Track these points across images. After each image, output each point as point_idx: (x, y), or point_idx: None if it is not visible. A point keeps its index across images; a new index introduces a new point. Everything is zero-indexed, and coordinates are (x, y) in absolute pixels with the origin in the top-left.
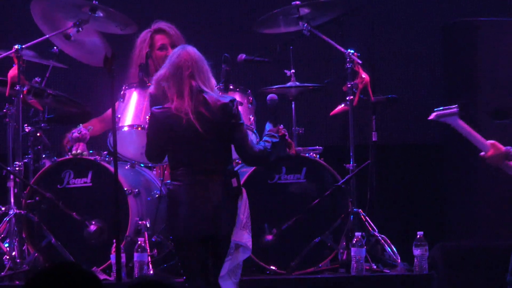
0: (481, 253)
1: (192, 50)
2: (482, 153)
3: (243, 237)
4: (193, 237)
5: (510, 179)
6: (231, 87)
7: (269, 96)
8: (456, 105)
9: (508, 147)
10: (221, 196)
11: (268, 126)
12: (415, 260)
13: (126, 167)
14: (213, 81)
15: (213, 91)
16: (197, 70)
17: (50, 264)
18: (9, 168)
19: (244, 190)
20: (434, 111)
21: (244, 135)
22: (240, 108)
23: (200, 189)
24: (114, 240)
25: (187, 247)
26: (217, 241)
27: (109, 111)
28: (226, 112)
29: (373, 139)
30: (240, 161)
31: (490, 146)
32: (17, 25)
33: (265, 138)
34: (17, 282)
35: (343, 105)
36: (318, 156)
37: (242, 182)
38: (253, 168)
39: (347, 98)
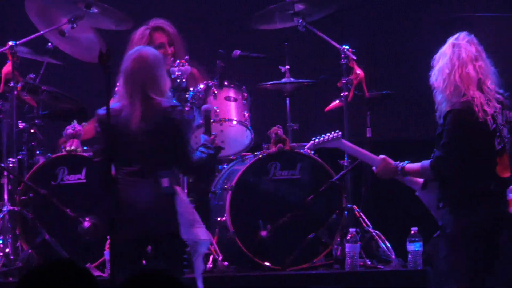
0: None
1: (146, 54)
2: (374, 168)
3: (196, 234)
4: (124, 238)
5: None
6: (225, 83)
7: (204, 106)
8: (338, 130)
9: (397, 162)
10: (152, 197)
11: (203, 138)
12: (409, 256)
13: None
14: (167, 85)
15: (164, 96)
16: (148, 77)
17: (45, 261)
18: (2, 165)
19: (179, 189)
20: (312, 140)
21: (184, 143)
22: (234, 103)
23: (132, 190)
24: (108, 237)
25: (120, 247)
26: (157, 242)
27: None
28: (166, 117)
29: (368, 135)
30: (234, 157)
31: (380, 161)
32: (12, 21)
33: (200, 149)
34: (10, 279)
35: (337, 101)
36: (312, 152)
37: (236, 178)
38: (248, 164)
39: (342, 94)
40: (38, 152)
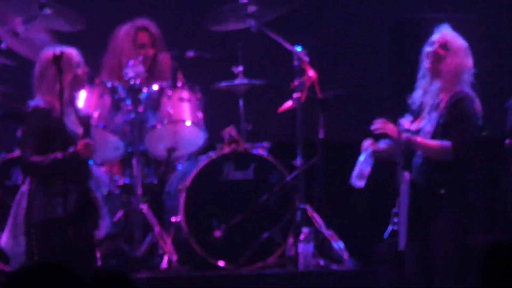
0: None
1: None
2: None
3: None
4: None
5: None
6: (179, 84)
7: (83, 112)
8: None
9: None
10: None
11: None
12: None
13: None
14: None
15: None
16: None
17: (33, 262)
18: None
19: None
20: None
21: (23, 143)
22: (188, 104)
23: None
24: None
25: None
26: None
27: None
28: None
29: (320, 136)
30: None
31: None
32: None
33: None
34: None
35: (291, 102)
36: (266, 152)
37: (190, 179)
38: (202, 165)
39: (295, 95)
40: None
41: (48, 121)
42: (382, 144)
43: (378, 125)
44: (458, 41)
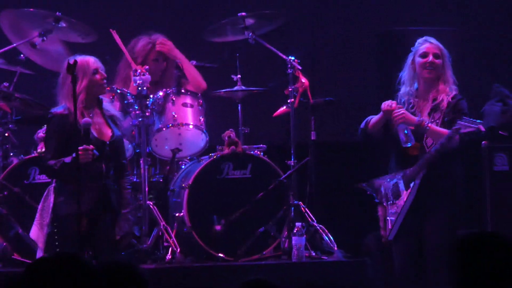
0: None
1: None
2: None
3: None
4: None
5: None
6: (182, 90)
7: (83, 120)
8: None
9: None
10: None
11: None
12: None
13: None
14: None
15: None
16: None
17: (51, 254)
18: None
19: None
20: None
21: (45, 147)
22: (190, 109)
23: None
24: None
25: None
26: None
27: None
28: None
29: (312, 138)
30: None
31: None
32: None
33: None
34: None
35: (285, 107)
36: (262, 153)
37: (192, 177)
38: (203, 165)
39: (289, 101)
40: (11, 154)
41: (65, 126)
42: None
43: (398, 113)
44: (443, 48)
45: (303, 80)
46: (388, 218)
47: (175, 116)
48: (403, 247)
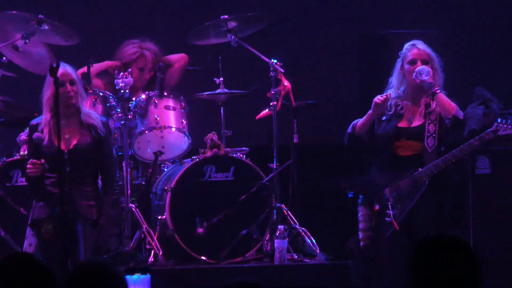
0: None
1: None
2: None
3: None
4: None
5: None
6: (165, 93)
7: (35, 134)
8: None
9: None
10: None
11: None
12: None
13: None
14: None
15: None
16: None
17: (4, 256)
18: None
19: None
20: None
21: None
22: (173, 112)
23: None
24: None
25: None
26: None
27: None
28: None
29: (295, 141)
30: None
31: None
32: None
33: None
34: None
35: (267, 110)
36: (244, 156)
37: (175, 180)
38: (185, 167)
39: (271, 104)
40: None
41: (33, 137)
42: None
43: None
44: (432, 52)
45: (286, 83)
46: (387, 219)
47: (158, 118)
48: (398, 247)
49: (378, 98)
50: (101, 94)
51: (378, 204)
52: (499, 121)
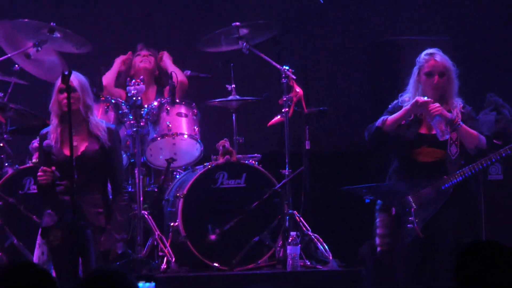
0: None
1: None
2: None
3: None
4: None
5: None
6: (177, 100)
7: (45, 142)
8: None
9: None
10: None
11: None
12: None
13: None
14: None
15: None
16: None
17: (6, 264)
18: None
19: None
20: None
21: None
22: (185, 119)
23: None
24: None
25: None
26: None
27: None
28: None
29: (307, 147)
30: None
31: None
32: None
33: None
34: None
35: (279, 116)
36: (257, 163)
37: (187, 187)
38: (198, 174)
39: (283, 110)
40: (6, 164)
41: (43, 144)
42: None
43: (435, 106)
44: (448, 62)
45: (297, 89)
46: (409, 226)
47: (170, 125)
48: (414, 254)
49: (421, 98)
50: (113, 101)
51: (400, 210)
52: None
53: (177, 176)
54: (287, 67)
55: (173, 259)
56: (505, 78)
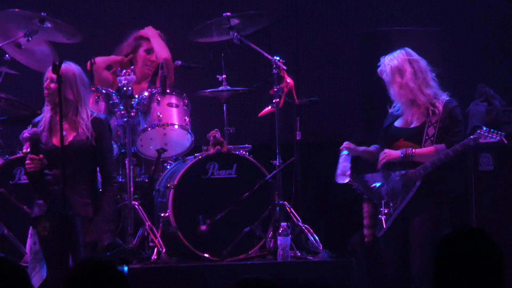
0: None
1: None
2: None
3: None
4: None
5: None
6: (168, 90)
7: (32, 130)
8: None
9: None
10: None
11: None
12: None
13: None
14: None
15: None
16: None
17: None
18: None
19: None
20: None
21: None
22: (176, 109)
23: None
24: None
25: None
26: None
27: None
28: None
29: (297, 138)
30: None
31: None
32: None
33: None
34: None
35: (270, 107)
36: (247, 153)
37: (178, 177)
38: (188, 164)
39: (274, 101)
40: None
41: (34, 134)
42: (362, 148)
43: (383, 157)
44: (396, 62)
45: (288, 80)
46: (380, 216)
47: (160, 116)
48: (392, 246)
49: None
50: (103, 91)
51: (377, 201)
52: (484, 129)
53: (168, 167)
54: (278, 58)
55: (164, 250)
56: (496, 69)
